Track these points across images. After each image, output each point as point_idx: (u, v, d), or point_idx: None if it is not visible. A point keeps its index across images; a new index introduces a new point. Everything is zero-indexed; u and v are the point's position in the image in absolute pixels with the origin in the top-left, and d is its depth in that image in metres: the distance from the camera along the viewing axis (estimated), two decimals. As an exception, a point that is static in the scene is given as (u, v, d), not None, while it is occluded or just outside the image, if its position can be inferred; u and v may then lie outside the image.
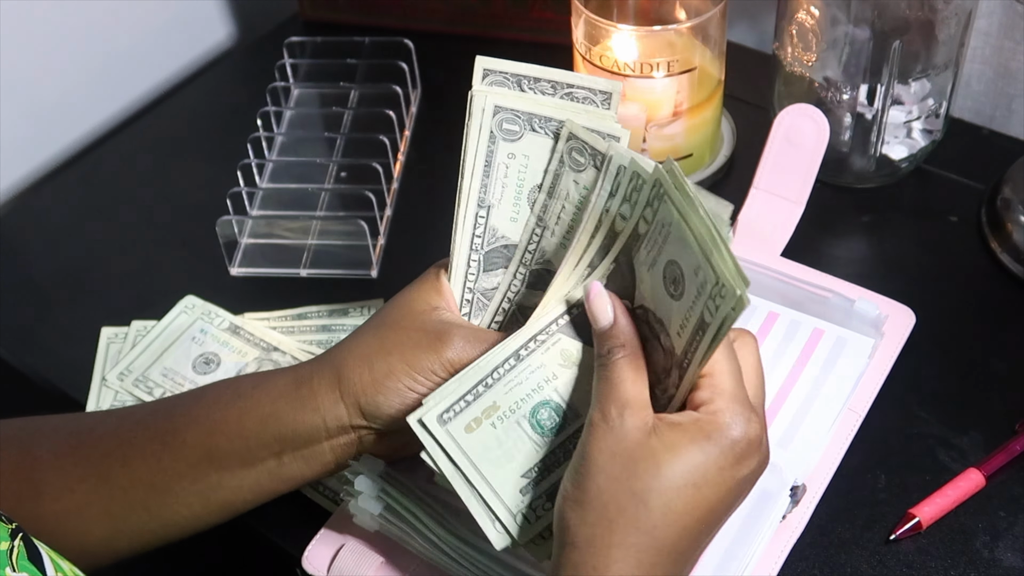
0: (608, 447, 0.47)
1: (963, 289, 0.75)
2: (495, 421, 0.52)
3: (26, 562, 0.45)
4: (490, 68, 0.56)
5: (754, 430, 0.48)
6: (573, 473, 0.48)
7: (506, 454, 0.52)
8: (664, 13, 0.82)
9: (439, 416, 0.52)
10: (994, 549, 0.62)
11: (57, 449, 0.59)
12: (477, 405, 0.52)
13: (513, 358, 0.53)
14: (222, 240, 0.80)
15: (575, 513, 0.47)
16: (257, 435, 0.57)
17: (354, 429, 0.57)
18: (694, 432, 0.47)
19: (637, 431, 0.47)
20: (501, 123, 0.56)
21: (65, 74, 1.00)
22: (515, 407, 0.53)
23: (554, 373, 0.54)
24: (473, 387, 0.53)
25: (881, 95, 0.76)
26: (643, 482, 0.46)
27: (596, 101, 0.56)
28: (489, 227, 0.57)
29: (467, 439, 0.52)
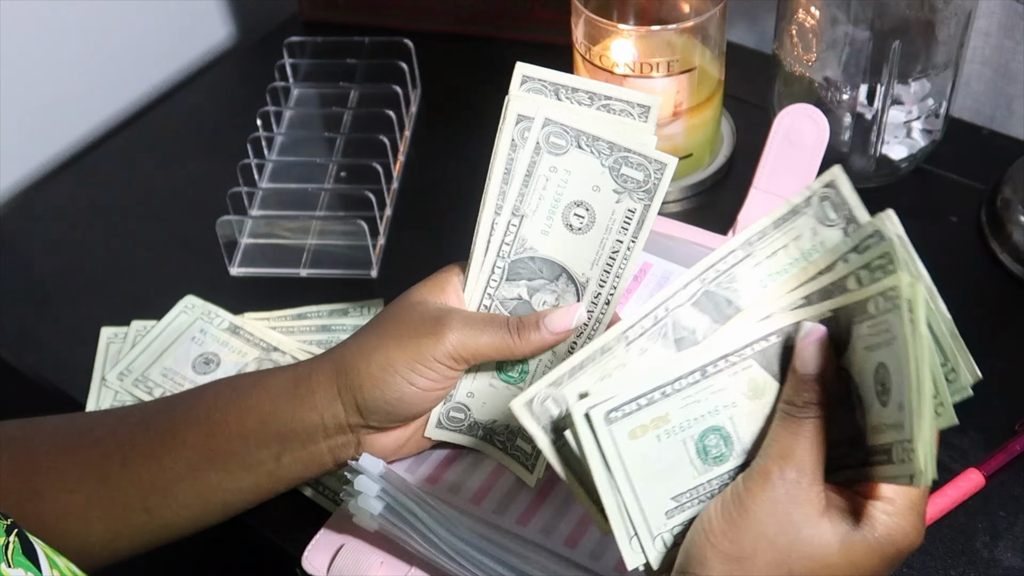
0: (778, 511, 0.45)
1: (963, 289, 0.75)
2: (661, 434, 0.48)
3: (21, 557, 0.45)
4: (529, 75, 0.55)
5: (916, 543, 0.46)
6: (727, 517, 0.45)
7: (663, 471, 0.48)
8: (664, 13, 0.82)
9: (607, 413, 0.47)
10: (994, 549, 0.62)
11: (57, 450, 0.59)
12: (648, 412, 0.48)
13: (699, 372, 0.48)
14: (222, 240, 0.80)
15: (723, 565, 0.45)
16: (257, 435, 0.57)
17: (351, 428, 0.57)
18: (866, 531, 0.45)
19: (811, 506, 0.45)
20: (549, 136, 0.56)
21: (65, 74, 1.00)
22: (686, 425, 0.48)
23: (735, 401, 0.49)
24: (650, 391, 0.48)
25: (881, 95, 0.76)
26: (804, 567, 0.44)
27: (634, 114, 0.55)
28: (519, 237, 0.57)
29: (629, 445, 0.47)
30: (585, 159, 0.56)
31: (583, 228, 0.57)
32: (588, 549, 0.58)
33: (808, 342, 0.47)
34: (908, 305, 0.44)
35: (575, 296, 0.58)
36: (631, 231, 0.56)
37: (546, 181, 0.56)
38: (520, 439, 0.60)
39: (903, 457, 0.43)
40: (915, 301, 0.43)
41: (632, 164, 0.55)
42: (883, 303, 0.45)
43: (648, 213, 0.56)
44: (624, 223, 0.56)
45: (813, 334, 0.47)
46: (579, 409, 0.46)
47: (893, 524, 0.45)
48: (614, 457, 0.47)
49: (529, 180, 0.56)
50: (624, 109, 0.55)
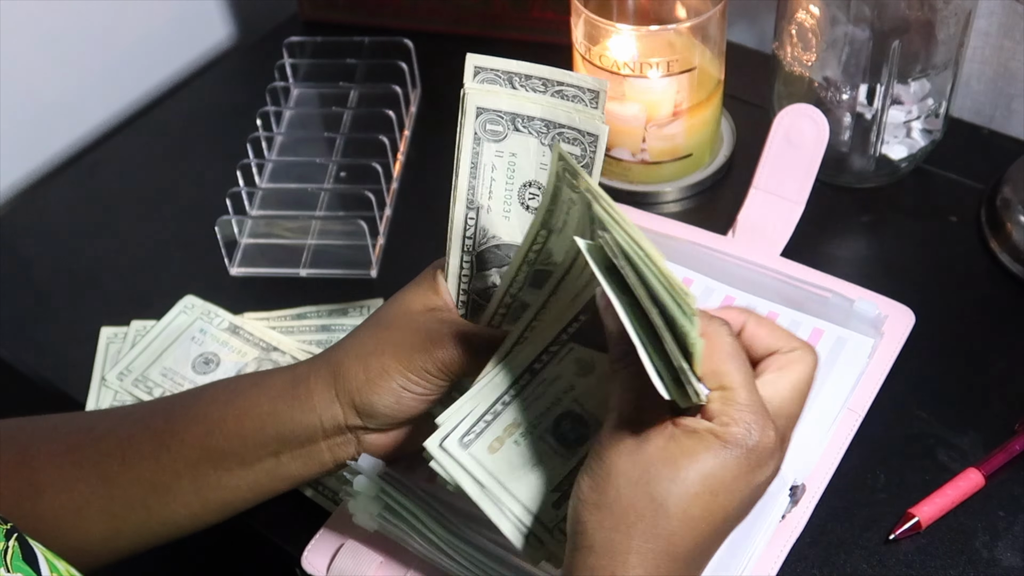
0: (627, 448, 0.47)
1: (963, 289, 0.75)
2: (518, 438, 0.51)
3: (20, 562, 0.45)
4: (481, 65, 0.56)
5: (768, 439, 0.47)
6: (590, 475, 0.48)
7: (534, 470, 0.51)
8: (664, 13, 0.82)
9: (460, 440, 0.51)
10: (994, 549, 0.62)
11: (56, 448, 0.59)
12: (498, 424, 0.52)
13: (528, 373, 0.52)
14: (222, 240, 0.80)
15: (593, 516, 0.47)
16: (255, 435, 0.57)
17: (350, 430, 0.57)
18: (710, 440, 0.47)
19: (656, 435, 0.47)
20: (485, 124, 0.56)
21: (65, 74, 1.00)
22: (537, 421, 0.52)
23: (571, 384, 0.53)
24: (491, 406, 0.52)
25: (881, 95, 0.76)
26: (662, 487, 0.46)
27: (585, 99, 0.56)
28: (480, 228, 0.57)
29: (492, 459, 0.51)
30: (525, 140, 0.56)
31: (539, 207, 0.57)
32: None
33: (602, 307, 0.50)
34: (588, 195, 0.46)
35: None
36: None
37: (493, 168, 0.57)
38: None
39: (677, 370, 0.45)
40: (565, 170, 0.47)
41: (568, 139, 0.55)
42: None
43: None
44: None
45: (601, 299, 0.50)
46: (434, 444, 0.51)
47: (733, 429, 0.47)
48: (483, 474, 0.51)
49: (476, 171, 0.56)
50: (576, 95, 0.56)
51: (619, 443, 0.47)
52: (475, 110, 0.55)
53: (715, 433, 0.47)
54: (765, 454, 0.47)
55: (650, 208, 0.81)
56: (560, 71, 0.55)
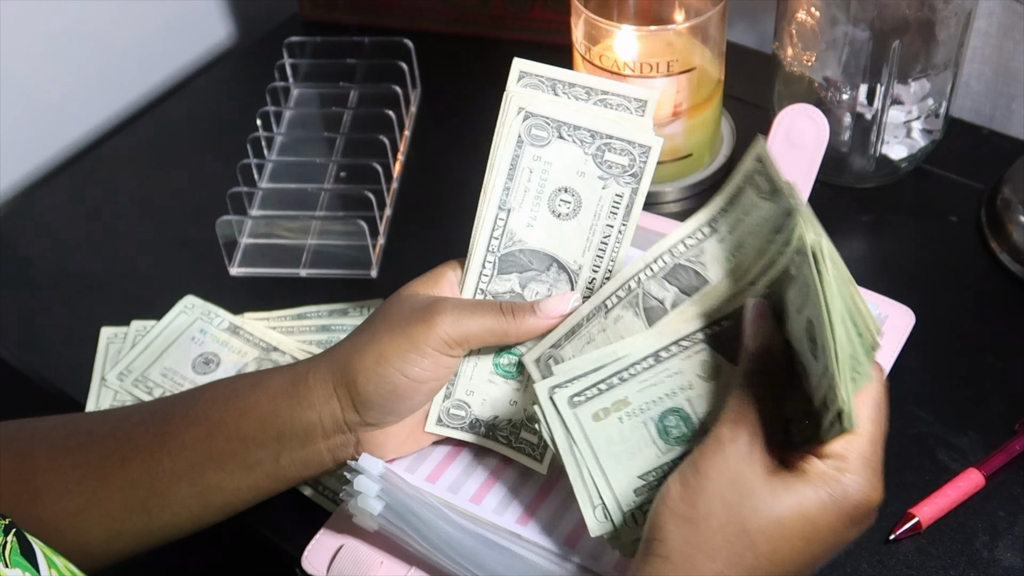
0: (732, 471, 0.46)
1: (963, 289, 0.75)
2: (623, 416, 0.52)
3: (19, 557, 0.45)
4: (526, 70, 0.56)
5: (876, 498, 0.46)
6: (683, 482, 0.46)
7: (628, 451, 0.52)
8: (664, 13, 0.82)
9: (570, 397, 0.51)
10: (994, 549, 0.62)
11: (56, 451, 0.59)
12: (608, 396, 0.52)
13: (653, 358, 0.52)
14: (222, 240, 0.80)
15: (679, 528, 0.46)
16: (255, 435, 0.57)
17: (349, 427, 0.57)
18: (818, 486, 0.45)
19: (763, 465, 0.46)
20: (530, 128, 0.56)
21: (65, 74, 1.00)
22: (646, 407, 0.52)
23: (691, 383, 0.52)
24: (608, 376, 0.52)
25: (881, 95, 0.76)
26: (758, 522, 0.45)
27: (631, 108, 0.56)
28: (508, 230, 0.58)
29: (593, 427, 0.52)
30: (567, 148, 0.56)
31: (570, 214, 0.57)
32: (588, 549, 0.58)
33: (752, 317, 0.49)
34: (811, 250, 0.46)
35: (568, 284, 0.58)
36: (620, 215, 0.57)
37: (530, 173, 0.57)
38: (524, 431, 0.60)
39: (832, 397, 0.44)
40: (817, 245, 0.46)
41: (615, 150, 0.55)
42: (797, 259, 0.48)
43: (636, 197, 0.56)
44: (613, 208, 0.56)
45: (756, 308, 0.50)
46: (543, 392, 0.51)
47: (844, 478, 0.46)
48: (581, 438, 0.51)
49: (513, 173, 0.57)
50: (621, 104, 0.56)
51: (722, 461, 0.46)
52: (522, 114, 0.56)
53: (826, 480, 0.45)
54: (868, 512, 0.46)
55: (650, 208, 0.81)
56: (605, 80, 0.56)
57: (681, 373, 0.52)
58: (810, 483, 0.45)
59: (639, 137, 0.55)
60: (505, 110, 0.56)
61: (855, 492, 0.45)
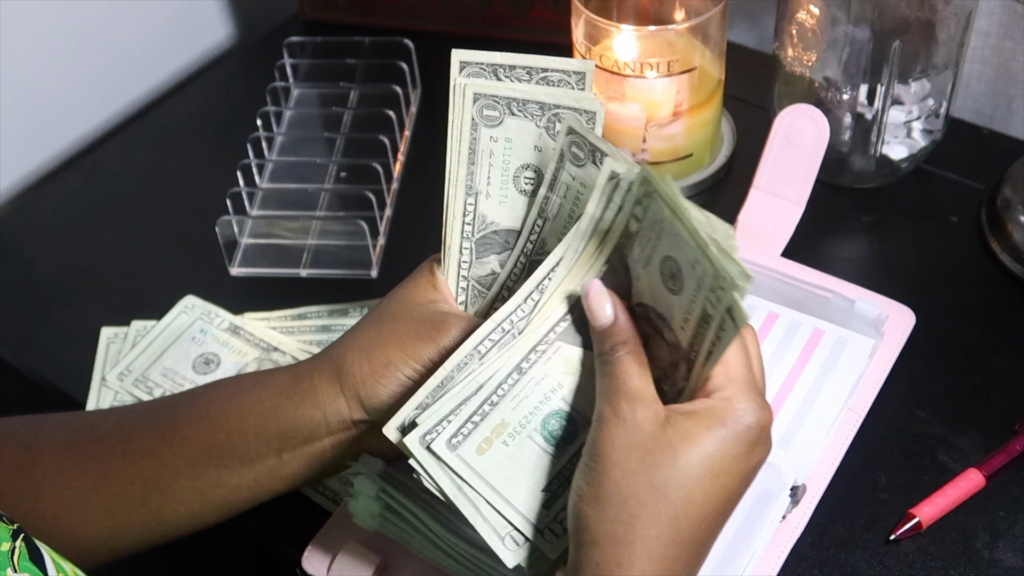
0: (622, 441, 0.47)
1: (963, 289, 0.75)
2: (506, 439, 0.51)
3: (28, 563, 0.45)
4: (466, 60, 0.56)
5: (766, 417, 0.48)
6: (586, 471, 0.47)
7: (523, 470, 0.50)
8: (664, 13, 0.82)
9: (448, 440, 0.50)
10: (994, 549, 0.62)
11: (57, 446, 0.59)
12: (486, 425, 0.51)
13: (516, 372, 0.52)
14: (222, 240, 0.80)
15: (594, 511, 0.47)
16: (257, 432, 0.57)
17: (355, 424, 0.57)
18: (709, 419, 0.46)
19: (650, 423, 0.47)
20: (481, 110, 0.56)
21: (65, 74, 1.00)
22: (525, 422, 0.51)
23: (559, 382, 0.52)
24: (479, 407, 0.51)
25: (881, 95, 0.76)
26: (663, 474, 0.46)
27: (571, 83, 0.56)
28: (479, 214, 0.58)
29: (480, 460, 0.50)
30: (520, 124, 0.56)
31: (532, 190, 0.57)
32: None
33: (590, 297, 0.50)
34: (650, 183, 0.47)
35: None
36: None
37: (491, 154, 0.57)
38: None
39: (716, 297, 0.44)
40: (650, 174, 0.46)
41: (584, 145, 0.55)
42: (639, 209, 0.48)
43: None
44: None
45: (591, 288, 0.50)
46: (416, 444, 0.50)
47: (730, 405, 0.47)
48: (469, 475, 0.50)
49: (474, 156, 0.57)
50: (562, 79, 0.56)
51: (612, 434, 0.47)
52: (472, 96, 0.56)
53: (714, 411, 0.47)
54: (763, 432, 0.48)
55: (650, 208, 0.81)
56: (543, 58, 0.56)
57: (547, 376, 0.52)
58: (700, 420, 0.46)
59: (584, 104, 0.55)
60: (453, 99, 0.56)
61: (744, 415, 0.47)
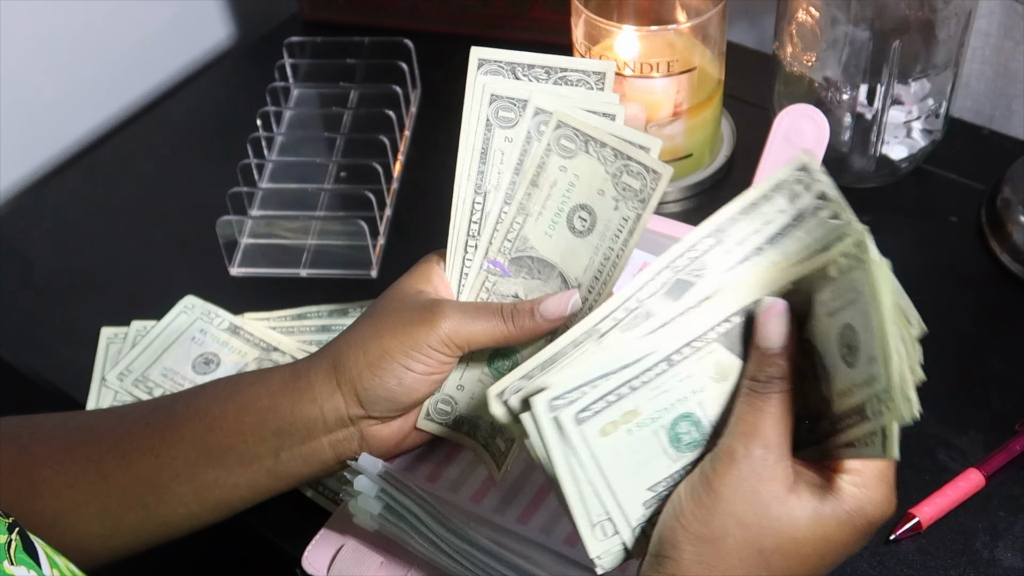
0: (745, 489, 0.45)
1: (963, 289, 0.75)
2: (632, 427, 0.47)
3: (23, 555, 0.45)
4: (485, 58, 0.56)
5: (891, 512, 0.46)
6: (696, 498, 0.45)
7: (637, 464, 0.47)
8: (664, 13, 0.82)
9: (577, 413, 0.46)
10: (994, 549, 0.62)
11: (55, 446, 0.59)
12: (618, 407, 0.47)
13: (666, 362, 0.48)
14: (222, 240, 0.80)
15: (692, 547, 0.45)
16: (255, 431, 0.57)
17: (352, 421, 0.57)
18: (836, 506, 0.45)
19: (778, 483, 0.45)
20: (497, 111, 0.56)
21: (65, 74, 1.00)
22: (656, 416, 0.48)
23: (703, 386, 0.48)
24: (619, 386, 0.47)
25: (881, 95, 0.76)
26: (774, 543, 0.44)
27: (590, 83, 0.56)
28: (486, 212, 0.58)
29: (600, 443, 0.46)
30: (592, 164, 0.56)
31: (584, 231, 0.57)
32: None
33: (769, 316, 0.47)
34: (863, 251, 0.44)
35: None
36: (623, 238, 0.56)
37: (502, 155, 0.57)
38: (499, 437, 0.60)
39: (878, 408, 0.43)
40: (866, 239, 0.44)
41: (632, 172, 0.55)
42: (844, 263, 0.45)
43: (639, 223, 0.55)
44: (618, 230, 0.56)
45: (774, 308, 0.47)
46: (543, 407, 0.45)
47: (862, 495, 0.45)
48: (585, 454, 0.46)
49: (486, 156, 0.57)
50: (581, 79, 0.56)
51: (736, 479, 0.45)
52: (489, 96, 0.56)
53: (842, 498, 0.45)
54: (878, 526, 0.46)
55: (650, 208, 0.81)
56: (562, 58, 0.56)
57: (693, 376, 0.48)
58: (827, 501, 0.45)
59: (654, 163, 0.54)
60: (471, 97, 0.56)
61: (872, 510, 0.45)
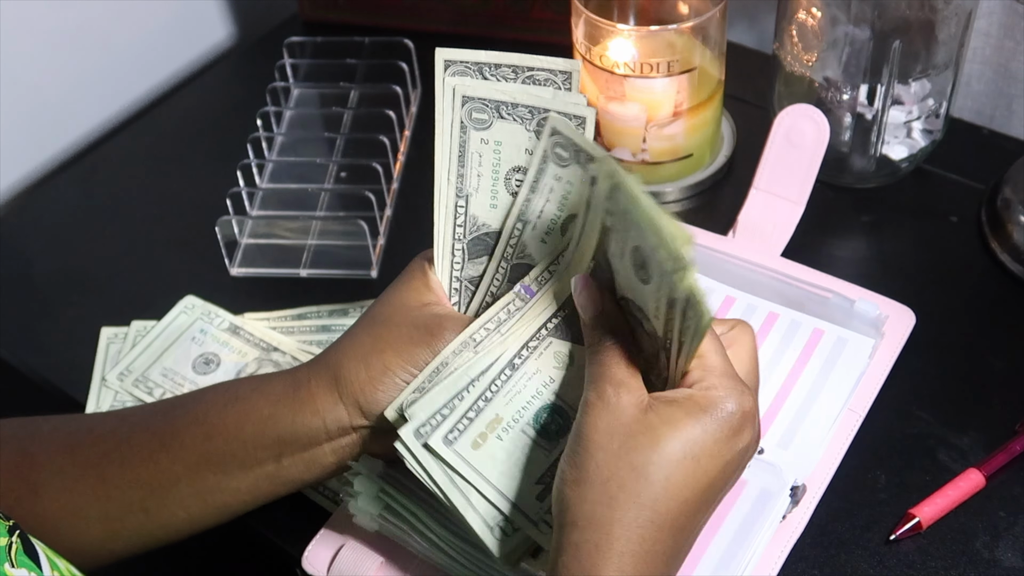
0: (605, 425, 0.48)
1: (963, 289, 0.75)
2: (500, 433, 0.52)
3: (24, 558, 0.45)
4: (451, 58, 0.56)
5: (747, 403, 0.49)
6: (570, 455, 0.48)
7: (517, 464, 0.52)
8: (664, 13, 0.82)
9: (444, 436, 0.51)
10: (994, 549, 0.62)
11: (55, 449, 0.59)
12: (480, 421, 0.52)
13: (508, 368, 0.53)
14: (222, 240, 0.80)
15: (575, 492, 0.47)
16: (255, 438, 0.57)
17: (355, 430, 0.57)
18: (690, 406, 0.48)
19: (633, 407, 0.48)
20: (471, 112, 0.56)
21: (65, 74, 1.00)
22: (518, 416, 0.52)
23: (551, 377, 0.53)
24: (474, 402, 0.52)
25: (881, 95, 0.76)
26: (643, 456, 0.47)
27: (557, 82, 0.56)
28: (470, 216, 0.58)
29: (475, 455, 0.51)
30: (510, 127, 0.56)
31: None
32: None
33: (577, 291, 0.52)
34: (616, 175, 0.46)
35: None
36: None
37: (480, 157, 0.57)
38: None
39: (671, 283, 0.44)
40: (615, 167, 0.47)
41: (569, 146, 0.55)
42: (611, 203, 0.48)
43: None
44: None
45: (578, 284, 0.52)
46: (410, 437, 0.51)
47: (713, 393, 0.48)
48: (465, 469, 0.51)
49: (464, 159, 0.57)
50: (548, 78, 0.56)
51: (596, 418, 0.48)
52: (460, 99, 0.56)
53: (695, 399, 0.48)
54: (745, 419, 0.48)
55: (650, 208, 0.81)
56: (528, 57, 0.56)
57: (539, 372, 0.53)
58: (680, 406, 0.48)
59: (573, 109, 0.55)
60: (441, 100, 0.56)
61: (724, 401, 0.48)
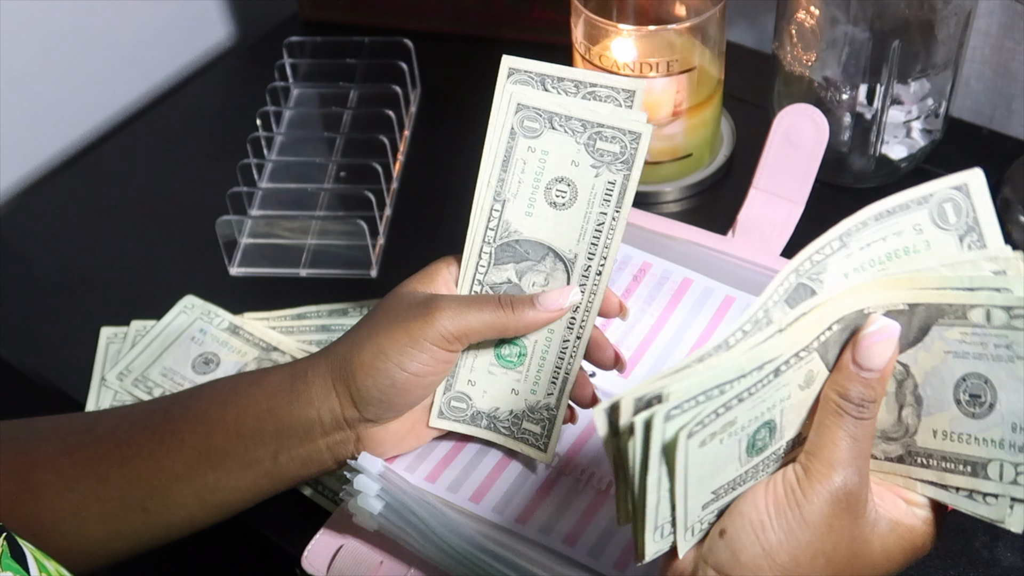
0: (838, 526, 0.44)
1: (963, 289, 0.75)
2: (724, 437, 0.44)
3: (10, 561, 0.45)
4: (515, 67, 0.57)
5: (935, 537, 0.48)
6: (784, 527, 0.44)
7: (712, 468, 0.45)
8: (663, 13, 0.82)
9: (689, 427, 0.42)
10: (994, 549, 0.62)
11: (55, 449, 0.59)
12: (721, 420, 0.44)
13: (774, 374, 0.44)
14: (222, 240, 0.80)
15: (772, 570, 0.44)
16: (254, 433, 0.57)
17: (349, 424, 0.57)
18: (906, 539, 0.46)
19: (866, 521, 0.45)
20: (523, 120, 0.57)
21: (65, 74, 1.00)
22: (747, 424, 0.45)
23: (790, 393, 0.46)
24: (727, 400, 0.43)
25: (880, 95, 0.76)
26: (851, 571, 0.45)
27: (619, 100, 0.56)
28: (503, 220, 0.58)
29: (696, 455, 0.44)
30: (559, 138, 0.57)
31: (566, 203, 0.58)
32: (587, 547, 0.58)
33: (880, 337, 0.44)
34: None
35: (564, 273, 0.58)
36: (613, 203, 0.57)
37: (524, 164, 0.58)
38: (527, 421, 0.60)
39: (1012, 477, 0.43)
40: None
41: (606, 138, 0.56)
42: (1001, 316, 0.43)
43: (628, 183, 0.57)
44: (606, 196, 0.57)
45: (886, 330, 0.44)
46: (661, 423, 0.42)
47: (928, 531, 0.47)
48: (680, 468, 0.43)
49: (507, 164, 0.58)
50: (610, 95, 0.56)
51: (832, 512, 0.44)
52: (515, 106, 0.56)
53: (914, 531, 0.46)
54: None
55: (650, 208, 0.81)
56: (593, 73, 0.56)
57: (787, 384, 0.45)
58: (901, 536, 0.46)
59: (629, 124, 0.55)
60: (498, 105, 0.57)
61: (925, 541, 0.47)
